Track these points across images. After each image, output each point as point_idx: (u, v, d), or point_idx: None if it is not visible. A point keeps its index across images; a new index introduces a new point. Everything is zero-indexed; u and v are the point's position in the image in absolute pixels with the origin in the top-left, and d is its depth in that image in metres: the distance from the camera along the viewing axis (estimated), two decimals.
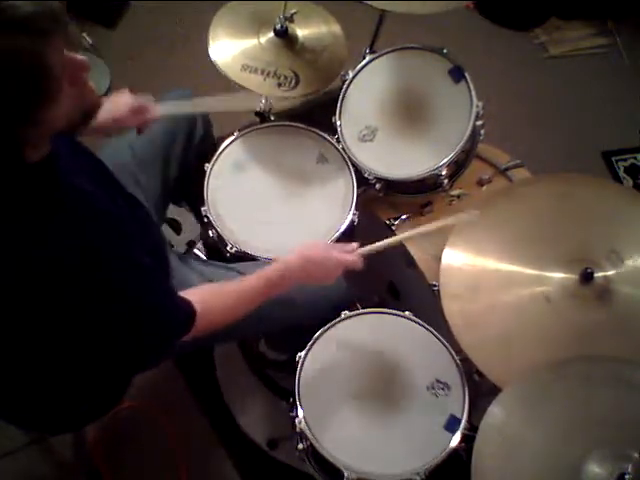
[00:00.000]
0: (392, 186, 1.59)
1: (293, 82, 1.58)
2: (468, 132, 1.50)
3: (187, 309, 1.11)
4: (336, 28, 1.68)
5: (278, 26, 1.60)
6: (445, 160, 1.51)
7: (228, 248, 1.49)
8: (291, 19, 1.60)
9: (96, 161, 1.20)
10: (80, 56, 0.86)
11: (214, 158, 1.58)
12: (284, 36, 1.61)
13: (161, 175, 1.54)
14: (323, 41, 1.65)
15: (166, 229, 1.82)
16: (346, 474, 1.24)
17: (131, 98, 1.36)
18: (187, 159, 1.60)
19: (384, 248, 1.34)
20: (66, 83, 0.84)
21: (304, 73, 1.59)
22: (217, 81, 1.59)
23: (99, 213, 0.97)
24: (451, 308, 1.27)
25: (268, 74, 1.58)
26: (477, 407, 1.31)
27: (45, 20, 0.78)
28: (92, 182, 1.03)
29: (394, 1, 1.52)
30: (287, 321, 1.44)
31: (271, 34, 1.61)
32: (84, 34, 2.46)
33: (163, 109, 1.42)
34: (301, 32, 1.64)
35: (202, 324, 1.13)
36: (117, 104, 1.34)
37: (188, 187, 1.65)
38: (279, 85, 1.57)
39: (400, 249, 1.57)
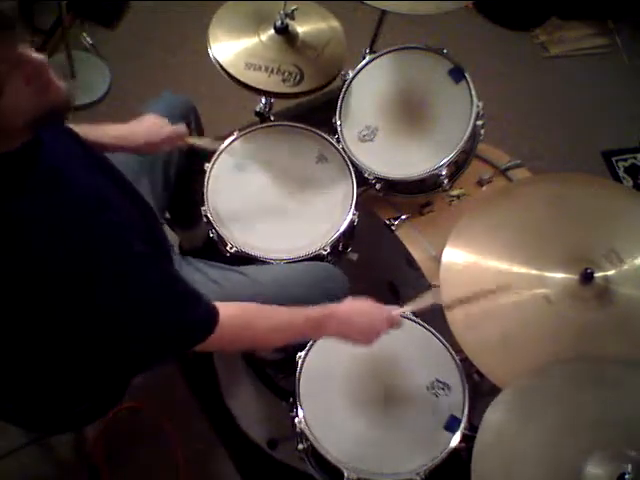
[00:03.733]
0: (392, 186, 1.59)
1: (298, 77, 1.58)
2: (468, 132, 1.50)
3: (206, 311, 1.05)
4: (334, 23, 1.69)
5: (278, 23, 1.60)
6: (445, 160, 1.51)
7: (228, 248, 1.49)
8: (292, 16, 1.61)
9: (91, 152, 1.19)
10: (38, 55, 0.85)
11: (214, 158, 1.58)
12: (284, 33, 1.61)
13: (163, 175, 1.54)
14: (323, 36, 1.65)
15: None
16: (346, 474, 1.24)
17: (168, 126, 1.41)
18: (186, 159, 1.60)
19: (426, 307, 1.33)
20: (19, 81, 0.83)
21: (307, 68, 1.60)
22: (217, 80, 1.59)
23: (87, 199, 0.94)
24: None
25: (272, 71, 1.58)
26: (477, 407, 1.31)
27: None
28: (84, 169, 1.02)
29: (394, 1, 1.52)
30: None
31: (271, 31, 1.62)
32: (84, 34, 2.47)
33: (191, 139, 1.49)
34: (301, 29, 1.64)
35: (231, 336, 1.08)
36: (154, 130, 1.39)
37: (187, 188, 1.65)
38: (284, 81, 1.58)
39: (400, 249, 1.57)
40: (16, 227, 0.88)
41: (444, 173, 1.53)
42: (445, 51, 1.57)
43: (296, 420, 1.30)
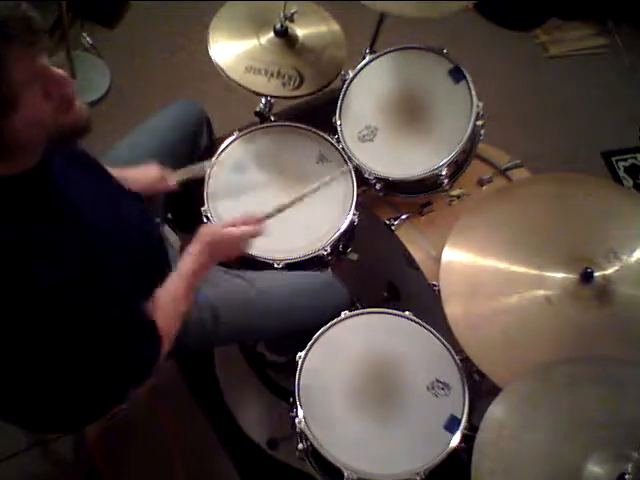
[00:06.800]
0: (392, 186, 1.59)
1: (297, 81, 1.58)
2: (468, 132, 1.50)
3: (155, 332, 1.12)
4: (334, 25, 1.69)
5: (278, 26, 1.60)
6: (445, 160, 1.51)
7: None
8: (291, 18, 1.60)
9: (101, 174, 1.20)
10: (60, 71, 0.86)
11: (214, 158, 1.58)
12: (284, 36, 1.61)
13: None
14: (323, 39, 1.65)
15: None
16: (346, 474, 1.24)
17: (158, 171, 1.41)
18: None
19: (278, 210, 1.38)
20: (38, 95, 0.84)
21: (307, 72, 1.60)
22: (217, 80, 1.59)
23: (82, 227, 0.98)
24: (451, 308, 1.27)
25: (272, 74, 1.58)
26: (477, 407, 1.31)
27: (14, 26, 0.78)
28: (86, 196, 1.03)
29: (394, 1, 1.52)
30: (288, 323, 1.44)
31: (271, 34, 1.62)
32: (84, 34, 2.47)
33: (177, 177, 1.47)
34: (300, 31, 1.64)
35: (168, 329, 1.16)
36: (146, 174, 1.39)
37: (188, 188, 1.65)
38: (284, 85, 1.58)
39: (400, 249, 1.57)
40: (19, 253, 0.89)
41: (444, 173, 1.53)
42: (445, 51, 1.57)
43: (296, 420, 1.30)
